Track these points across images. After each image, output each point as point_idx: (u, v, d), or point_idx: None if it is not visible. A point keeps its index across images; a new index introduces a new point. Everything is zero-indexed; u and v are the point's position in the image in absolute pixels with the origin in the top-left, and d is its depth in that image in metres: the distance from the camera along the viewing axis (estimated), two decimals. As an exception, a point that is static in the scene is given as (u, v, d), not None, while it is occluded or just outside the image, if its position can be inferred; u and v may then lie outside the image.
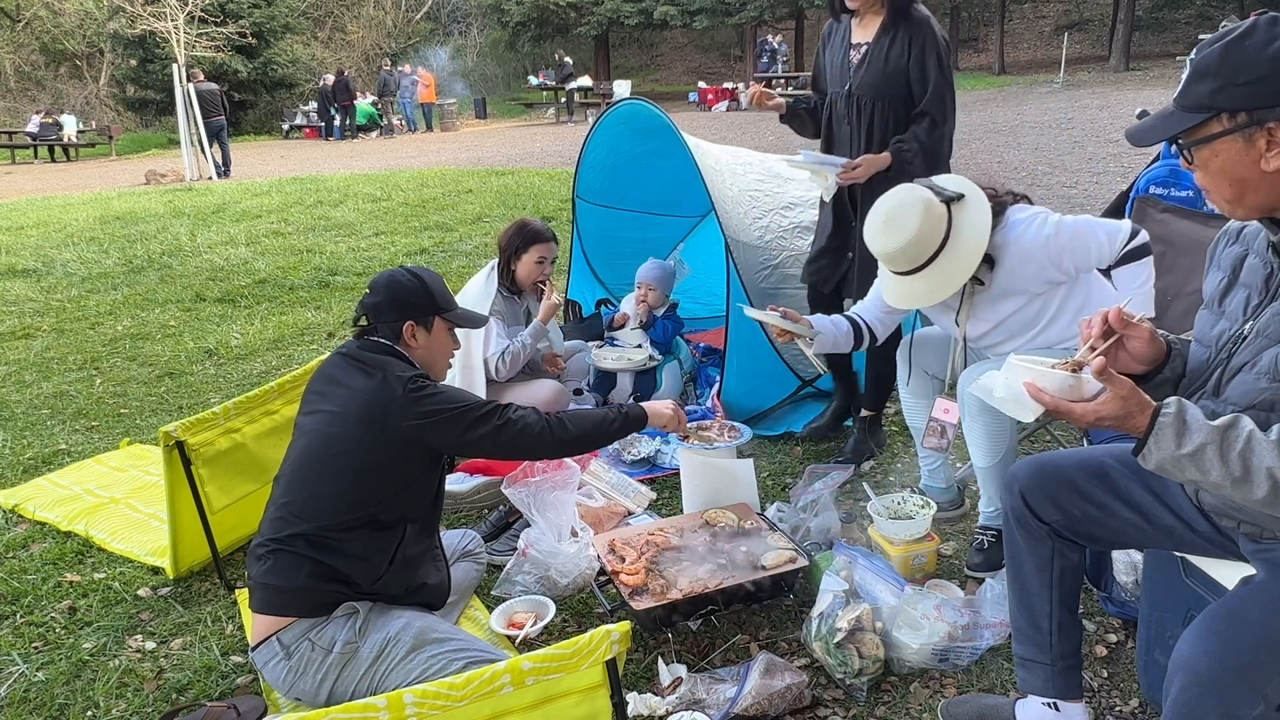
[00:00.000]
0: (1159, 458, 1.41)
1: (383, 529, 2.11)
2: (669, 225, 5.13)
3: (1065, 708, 1.89)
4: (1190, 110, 1.43)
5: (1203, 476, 1.39)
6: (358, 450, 2.07)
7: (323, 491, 2.08)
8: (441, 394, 2.14)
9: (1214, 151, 1.43)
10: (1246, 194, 1.44)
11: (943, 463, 2.95)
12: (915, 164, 2.87)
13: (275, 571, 2.06)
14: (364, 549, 2.08)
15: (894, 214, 2.37)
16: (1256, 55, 1.35)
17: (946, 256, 2.36)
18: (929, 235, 2.34)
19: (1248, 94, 1.37)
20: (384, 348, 2.22)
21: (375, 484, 2.09)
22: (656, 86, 31.77)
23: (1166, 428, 1.39)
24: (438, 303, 2.30)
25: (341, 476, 2.08)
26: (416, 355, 2.27)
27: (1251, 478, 1.35)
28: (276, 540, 2.08)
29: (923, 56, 2.94)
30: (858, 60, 3.05)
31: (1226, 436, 1.37)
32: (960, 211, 2.37)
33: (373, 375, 2.13)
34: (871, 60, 3.01)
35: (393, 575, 2.12)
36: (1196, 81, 1.42)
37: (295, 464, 2.16)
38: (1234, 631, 1.46)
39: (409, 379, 2.11)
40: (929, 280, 2.39)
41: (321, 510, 2.07)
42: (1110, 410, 1.42)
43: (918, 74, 2.96)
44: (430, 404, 2.10)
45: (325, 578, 2.05)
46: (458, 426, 2.12)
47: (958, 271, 2.37)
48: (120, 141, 22.53)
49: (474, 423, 2.13)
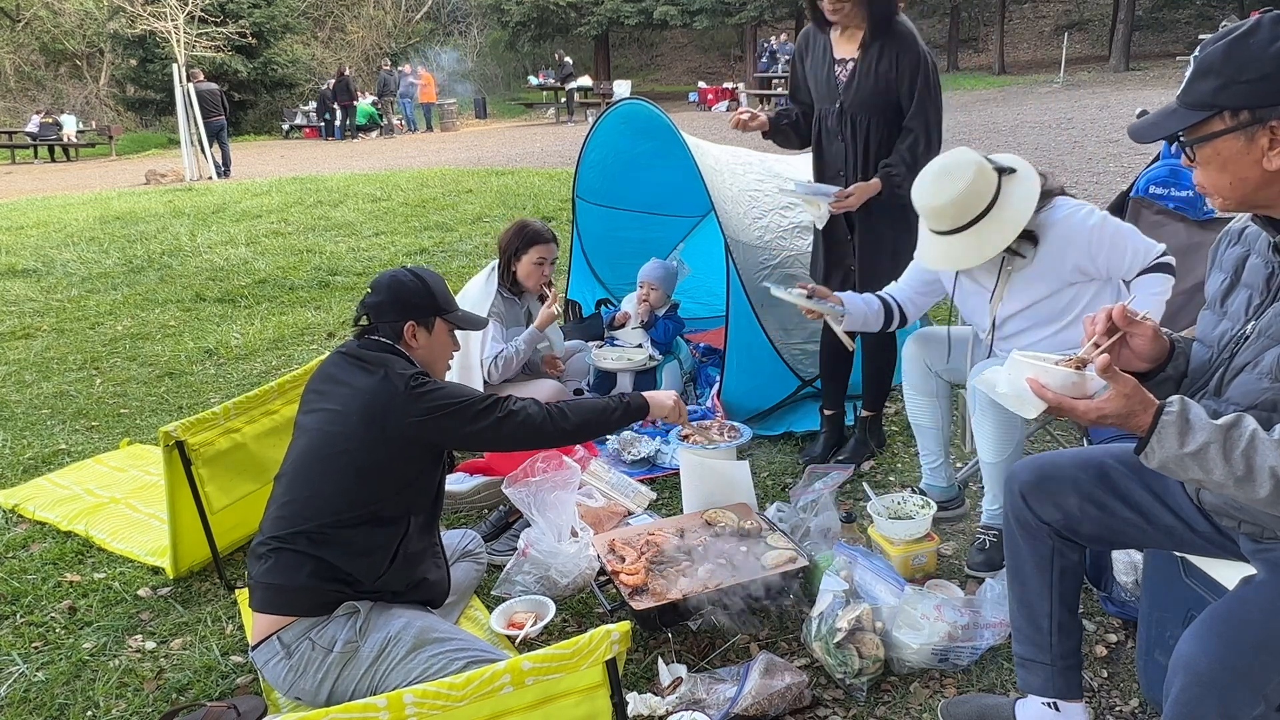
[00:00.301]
0: (1162, 456, 1.40)
1: (385, 524, 2.11)
2: (669, 225, 5.14)
3: (1065, 708, 1.89)
4: (1193, 108, 1.43)
5: (1205, 475, 1.38)
6: (359, 448, 2.08)
7: (325, 490, 2.08)
8: (443, 389, 2.15)
9: (1216, 149, 1.43)
10: (1247, 191, 1.45)
11: (944, 461, 2.96)
12: (905, 186, 2.87)
13: (276, 570, 2.06)
14: (366, 545, 2.08)
15: (947, 169, 2.42)
16: (1260, 53, 1.36)
17: (989, 222, 2.39)
18: (977, 195, 2.38)
19: (1250, 92, 1.37)
20: (385, 346, 2.22)
21: (377, 481, 2.09)
22: (656, 86, 31.78)
23: (1170, 426, 1.39)
24: (439, 303, 2.30)
25: (343, 475, 2.08)
26: (417, 355, 2.27)
27: (1255, 477, 1.35)
28: (278, 539, 2.08)
29: (910, 71, 2.92)
30: (845, 77, 3.03)
31: (1229, 435, 1.37)
32: (1010, 183, 2.41)
33: (374, 373, 2.13)
34: (860, 77, 2.99)
35: (395, 572, 2.12)
36: (1199, 79, 1.42)
37: (296, 463, 2.16)
38: (1235, 632, 1.46)
39: (410, 376, 2.12)
40: (968, 242, 2.41)
41: (324, 508, 2.07)
42: (1113, 408, 1.42)
43: (906, 89, 2.95)
44: (432, 400, 2.10)
45: (326, 577, 2.05)
46: (460, 420, 2.12)
47: (998, 236, 2.39)
48: (120, 141, 22.53)
49: (476, 415, 2.14)
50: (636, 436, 3.59)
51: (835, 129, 3.09)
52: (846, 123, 3.05)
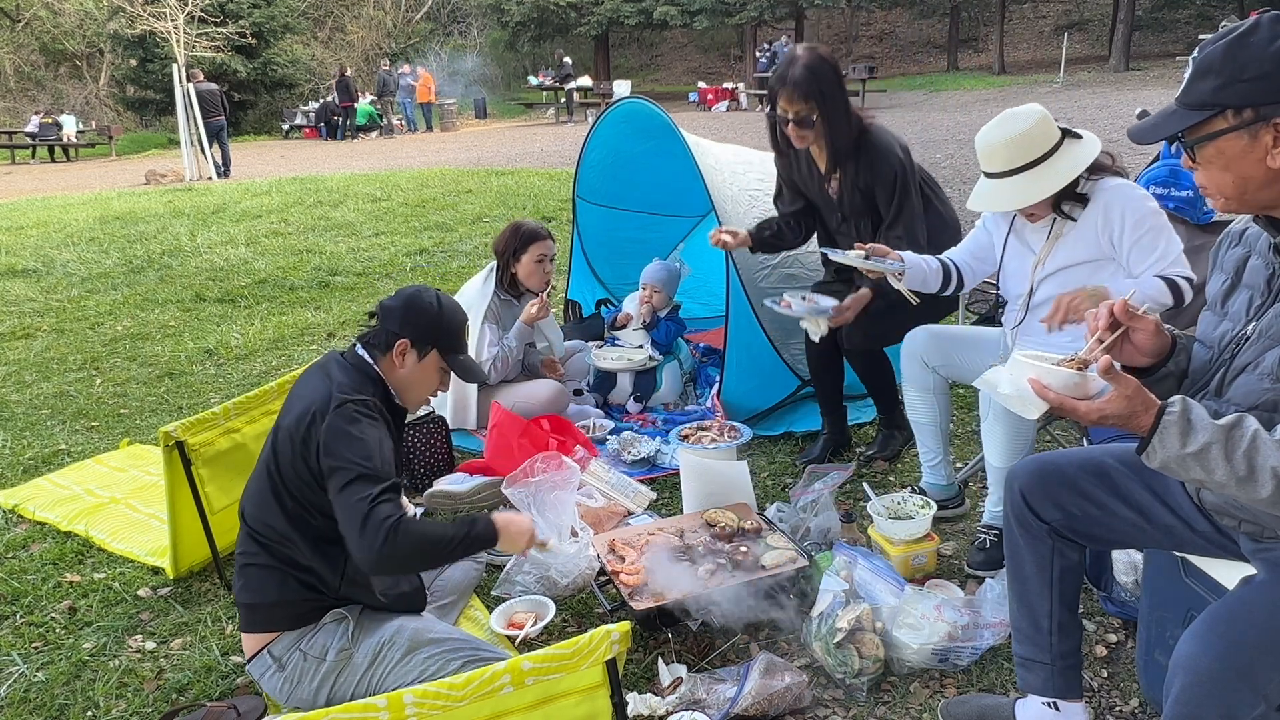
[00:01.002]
0: (1163, 456, 1.40)
1: (328, 543, 2.04)
2: (669, 225, 5.14)
3: (1065, 707, 1.89)
4: (1194, 108, 1.43)
5: (1207, 476, 1.38)
6: (285, 462, 2.01)
7: (266, 502, 2.05)
8: (360, 439, 1.94)
9: (1218, 149, 1.43)
10: (1249, 191, 1.45)
11: (942, 459, 2.95)
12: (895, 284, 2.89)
13: (248, 589, 2.06)
14: (313, 560, 2.05)
15: (1014, 113, 2.46)
16: (1261, 52, 1.36)
17: (1043, 169, 2.42)
18: (1036, 139, 2.41)
19: (1252, 90, 1.37)
20: (357, 361, 2.14)
21: (301, 500, 2.01)
22: (656, 86, 31.77)
23: (1171, 426, 1.39)
24: (442, 337, 2.20)
25: (276, 488, 2.03)
26: (397, 376, 2.17)
27: (1256, 477, 1.35)
28: (244, 554, 2.09)
29: (887, 184, 2.99)
30: (835, 191, 3.13)
31: (1231, 436, 1.37)
32: (1072, 144, 2.45)
33: (323, 386, 2.05)
34: (848, 192, 3.09)
35: (349, 587, 2.07)
36: (1200, 79, 1.42)
37: (253, 473, 2.14)
38: (1235, 632, 1.46)
39: (345, 400, 1.98)
40: (1018, 183, 2.44)
41: (268, 522, 2.05)
42: (1115, 408, 1.42)
43: (884, 199, 3.02)
44: (339, 439, 1.93)
45: (294, 587, 2.04)
46: (338, 478, 1.91)
47: (1048, 183, 2.41)
48: (120, 141, 22.53)
49: (351, 484, 1.90)
50: (637, 436, 3.59)
51: (840, 229, 3.22)
52: (851, 227, 3.17)
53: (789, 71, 2.91)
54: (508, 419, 3.32)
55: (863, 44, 33.44)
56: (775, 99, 2.98)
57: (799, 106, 2.91)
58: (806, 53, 2.94)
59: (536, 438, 3.30)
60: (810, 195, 3.26)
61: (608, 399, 4.15)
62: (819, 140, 3.00)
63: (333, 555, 2.06)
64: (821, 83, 2.89)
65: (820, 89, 2.89)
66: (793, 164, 3.25)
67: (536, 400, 3.63)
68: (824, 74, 2.91)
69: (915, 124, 15.36)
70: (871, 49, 32.77)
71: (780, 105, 2.96)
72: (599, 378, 4.16)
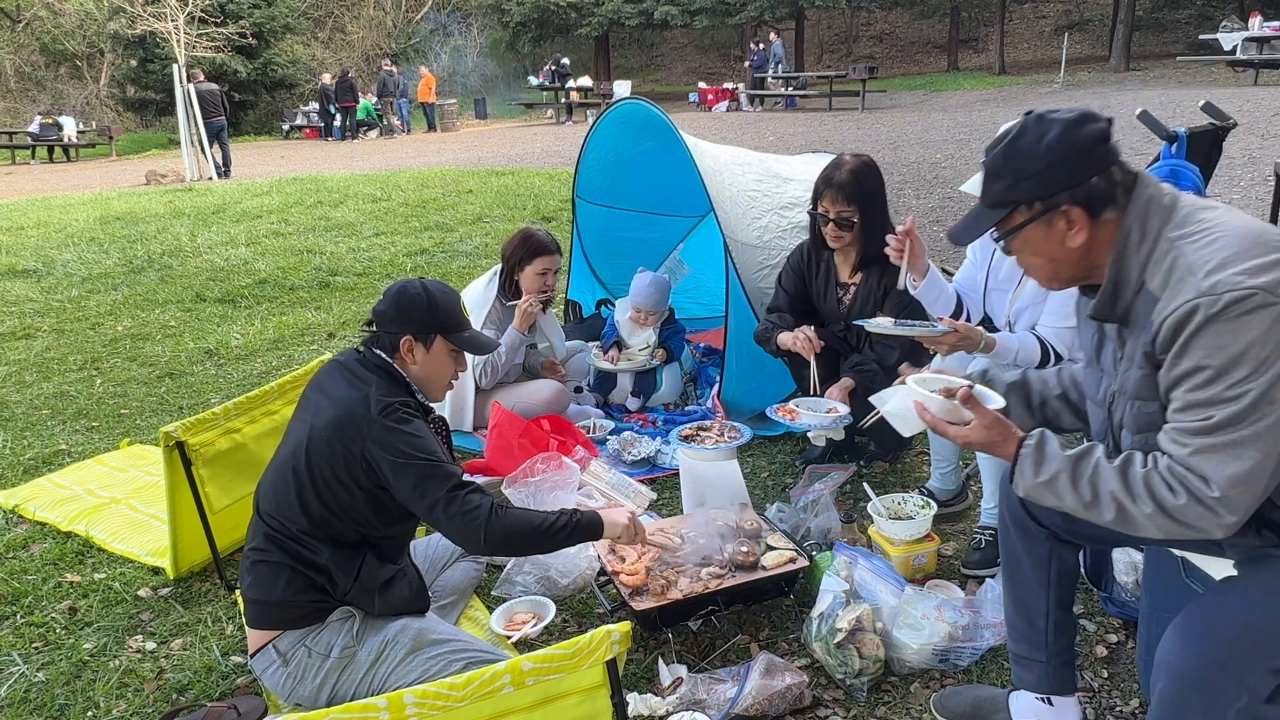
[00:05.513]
0: (1024, 486, 1.56)
1: (347, 547, 2.07)
2: (669, 225, 5.14)
3: (1059, 702, 1.92)
4: (994, 207, 1.60)
5: (1059, 502, 1.52)
6: (319, 463, 2.02)
7: (288, 500, 2.05)
8: (418, 438, 2.02)
9: (1024, 239, 1.59)
10: (1062, 270, 1.61)
11: (954, 468, 2.96)
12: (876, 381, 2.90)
13: (257, 585, 2.06)
14: (330, 561, 2.05)
15: None
16: (1032, 150, 1.52)
17: None
18: None
19: (1035, 185, 1.53)
20: (380, 362, 2.15)
21: (329, 502, 2.03)
22: (656, 87, 31.79)
23: (1026, 459, 1.55)
24: (440, 321, 2.18)
25: (302, 488, 2.04)
26: (412, 372, 2.18)
27: (1099, 501, 1.47)
28: (256, 549, 2.09)
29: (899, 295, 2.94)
30: (848, 301, 3.22)
31: (1078, 466, 1.50)
32: None
33: (356, 389, 2.06)
34: (860, 300, 3.17)
35: (359, 592, 2.08)
36: (992, 181, 1.59)
37: (272, 470, 2.14)
38: (1212, 625, 1.49)
39: (389, 404, 2.02)
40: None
41: (289, 520, 2.05)
42: (976, 436, 1.62)
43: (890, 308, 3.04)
44: (399, 439, 1.99)
45: (302, 588, 2.04)
46: (411, 476, 1.99)
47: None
48: (120, 142, 22.54)
49: (429, 481, 1.99)
50: (637, 436, 3.59)
51: (843, 335, 3.28)
52: (852, 336, 3.25)
53: (835, 174, 3.02)
54: (508, 419, 3.32)
55: (863, 44, 33.46)
56: (819, 198, 3.07)
57: (841, 208, 3.02)
58: (853, 159, 3.08)
59: (537, 438, 3.30)
60: (817, 304, 3.32)
61: (608, 399, 4.15)
62: (854, 243, 3.11)
63: (349, 559, 2.07)
64: (865, 187, 3.01)
65: (863, 192, 3.01)
66: (808, 278, 3.30)
67: (537, 400, 3.63)
68: (868, 180, 3.03)
69: (915, 124, 15.36)
70: (872, 49, 32.79)
71: (823, 205, 3.06)
72: (599, 378, 4.16)
